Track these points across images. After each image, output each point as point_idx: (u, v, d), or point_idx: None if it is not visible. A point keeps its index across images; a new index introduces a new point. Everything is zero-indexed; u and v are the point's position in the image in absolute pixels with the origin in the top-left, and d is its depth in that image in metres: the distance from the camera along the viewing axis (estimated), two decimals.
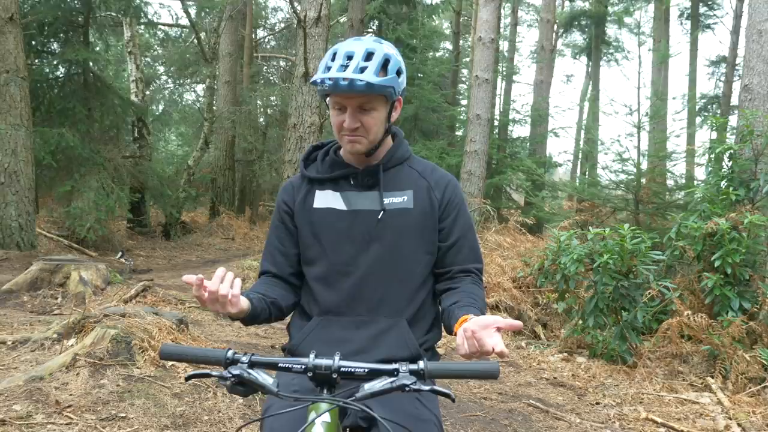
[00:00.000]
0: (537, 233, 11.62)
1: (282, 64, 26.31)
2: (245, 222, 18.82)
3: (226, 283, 1.80)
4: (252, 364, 1.66)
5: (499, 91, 21.51)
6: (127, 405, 4.31)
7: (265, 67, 26.95)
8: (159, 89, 27.99)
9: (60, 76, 14.16)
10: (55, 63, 13.96)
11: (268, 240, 2.23)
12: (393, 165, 2.11)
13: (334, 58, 1.91)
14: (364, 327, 2.03)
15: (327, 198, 2.09)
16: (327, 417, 1.61)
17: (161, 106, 27.04)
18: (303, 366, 1.63)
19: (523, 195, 17.71)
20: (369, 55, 1.90)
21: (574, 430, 4.69)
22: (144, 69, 18.95)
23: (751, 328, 5.79)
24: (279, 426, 1.84)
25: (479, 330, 1.66)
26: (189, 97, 29.55)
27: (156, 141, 24.64)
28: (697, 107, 22.09)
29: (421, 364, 1.60)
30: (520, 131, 21.53)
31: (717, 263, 6.11)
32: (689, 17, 24.11)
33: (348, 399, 1.60)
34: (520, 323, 1.73)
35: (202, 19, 19.95)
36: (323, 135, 11.57)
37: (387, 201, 2.05)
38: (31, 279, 8.07)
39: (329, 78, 1.86)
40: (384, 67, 1.92)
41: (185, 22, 19.34)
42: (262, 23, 27.61)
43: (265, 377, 1.65)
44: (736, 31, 20.19)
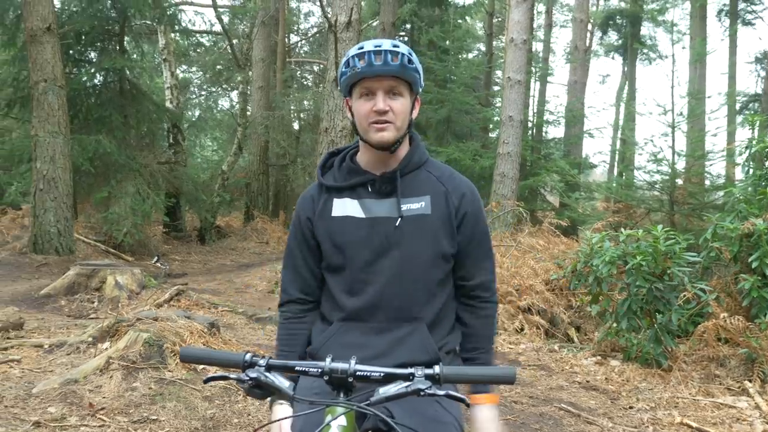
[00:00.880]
0: (571, 235, 11.47)
1: (315, 68, 26.46)
2: (279, 226, 18.94)
3: None
4: (269, 367, 1.67)
5: (534, 93, 21.33)
6: (159, 407, 4.36)
7: (299, 72, 27.14)
8: (194, 95, 28.36)
9: (97, 84, 14.43)
10: (92, 71, 14.22)
11: (290, 258, 2.21)
12: (410, 170, 2.10)
13: (361, 48, 1.94)
14: (384, 333, 2.03)
15: (345, 206, 2.09)
16: (343, 420, 1.61)
17: (197, 112, 27.39)
18: (319, 369, 1.64)
19: (558, 197, 17.54)
20: (395, 46, 1.94)
21: None
22: (179, 76, 19.22)
23: None
24: (298, 428, 1.87)
25: None
26: (224, 103, 29.90)
27: (192, 146, 24.97)
28: (738, 105, 21.65)
29: (437, 368, 1.60)
30: (554, 132, 21.37)
31: (754, 265, 5.96)
32: (728, 14, 23.66)
33: (363, 403, 1.60)
34: None
35: (235, 26, 20.17)
36: (355, 139, 11.57)
37: (405, 207, 2.04)
38: (69, 283, 8.24)
39: (363, 53, 1.91)
40: (411, 58, 1.96)
41: (219, 28, 19.56)
42: (294, 28, 27.82)
43: (282, 380, 1.66)
44: None
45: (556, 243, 10.19)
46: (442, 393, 1.56)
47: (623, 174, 16.66)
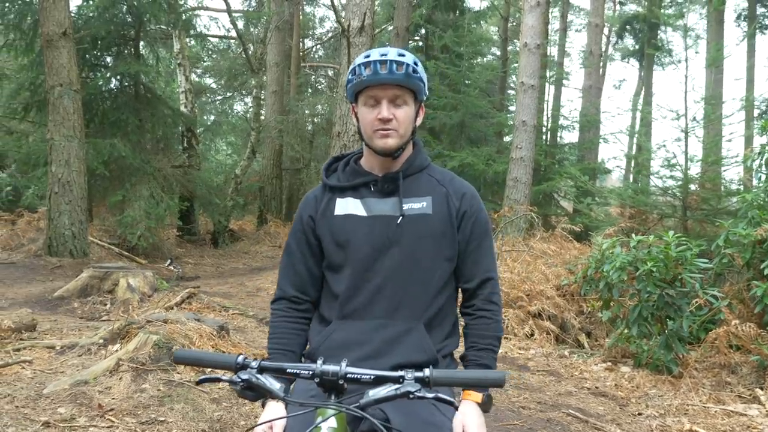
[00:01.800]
0: (584, 240, 11.42)
1: (329, 73, 26.55)
2: None
3: None
4: (261, 369, 1.71)
5: (548, 97, 21.23)
6: (167, 409, 4.39)
7: (313, 77, 27.23)
8: (209, 100, 28.53)
9: (113, 88, 14.55)
10: (108, 76, 14.34)
11: (288, 256, 2.23)
12: (412, 172, 2.13)
13: (367, 57, 1.99)
14: (381, 330, 2.04)
15: (347, 205, 2.12)
16: (333, 422, 1.63)
17: (212, 116, 27.55)
18: (310, 372, 1.66)
19: (572, 202, 17.45)
20: (401, 55, 1.98)
21: None
22: (193, 80, 19.34)
23: None
24: (291, 430, 1.90)
25: None
26: (238, 108, 30.06)
27: (206, 150, 25.12)
28: (757, 111, 21.44)
29: (427, 371, 1.62)
30: (569, 137, 21.28)
31: (767, 271, 5.91)
32: (746, 18, 23.49)
33: (353, 405, 1.62)
34: None
35: (250, 31, 20.27)
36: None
37: (406, 207, 2.07)
38: (82, 286, 8.30)
39: (368, 62, 1.95)
40: (416, 66, 1.99)
41: (234, 33, 19.67)
42: (309, 33, 27.92)
43: (273, 382, 1.70)
44: None
45: (568, 248, 10.16)
46: (431, 396, 1.58)
47: (636, 179, 16.54)
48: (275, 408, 2.02)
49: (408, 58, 1.97)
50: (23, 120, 14.19)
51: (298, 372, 1.69)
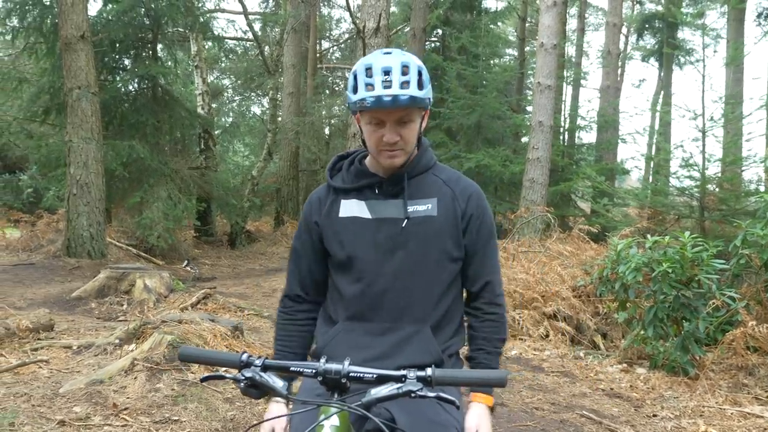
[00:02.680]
0: (601, 241, 11.34)
1: (347, 74, 26.58)
2: None
3: None
4: (265, 367, 1.72)
5: (566, 97, 21.11)
6: (181, 408, 4.42)
7: (330, 78, 27.29)
8: (227, 102, 28.69)
9: (132, 90, 14.69)
10: (127, 78, 14.47)
11: (294, 255, 2.25)
12: (418, 173, 2.11)
13: (369, 74, 1.90)
14: (388, 333, 2.04)
15: (352, 207, 2.11)
16: (336, 420, 1.64)
17: (230, 118, 27.70)
18: (314, 370, 1.68)
19: (590, 203, 17.35)
20: (405, 69, 1.90)
21: None
22: (210, 82, 19.45)
23: None
24: (294, 427, 1.93)
25: None
26: (256, 109, 30.20)
27: (224, 152, 25.25)
28: None
29: (429, 371, 1.63)
30: (588, 137, 21.15)
31: None
32: (767, 17, 23.22)
33: (354, 404, 1.63)
34: None
35: (266, 33, 20.35)
36: None
37: (411, 209, 2.05)
38: (99, 286, 8.38)
39: (372, 96, 1.87)
40: (420, 80, 1.93)
41: (250, 35, 19.76)
42: (326, 35, 27.99)
43: (276, 380, 1.70)
44: None
45: (585, 249, 10.08)
46: (432, 395, 1.58)
47: (654, 180, 16.40)
48: (278, 407, 2.04)
49: (412, 74, 1.90)
50: (43, 123, 14.36)
51: (301, 370, 1.70)
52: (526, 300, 7.85)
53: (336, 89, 27.32)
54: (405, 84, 1.87)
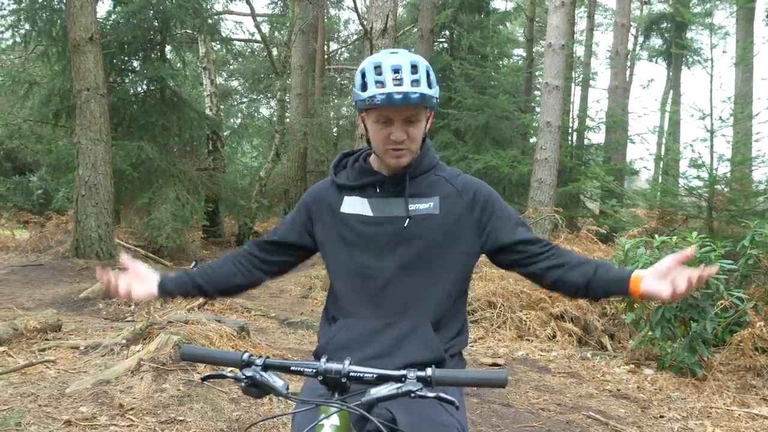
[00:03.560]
0: (610, 242, 11.29)
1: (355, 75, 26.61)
2: None
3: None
4: (266, 367, 1.73)
5: (575, 98, 21.04)
6: (186, 409, 4.42)
7: (338, 79, 27.33)
8: (235, 103, 28.76)
9: (140, 92, 14.76)
10: (136, 80, 14.53)
11: (278, 225, 2.32)
12: (420, 173, 2.12)
13: (379, 72, 1.91)
14: (388, 329, 2.04)
15: (354, 204, 2.13)
16: (336, 420, 1.64)
17: (238, 119, 27.78)
18: (314, 370, 1.68)
19: (598, 203, 17.29)
20: (414, 67, 1.91)
21: None
22: (218, 84, 19.51)
23: None
24: (296, 427, 1.93)
25: (672, 273, 1.87)
26: (264, 111, 30.28)
27: (233, 153, 25.32)
28: None
29: (429, 371, 1.63)
30: (596, 138, 21.06)
31: None
32: None
33: (354, 404, 1.63)
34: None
35: (274, 34, 20.39)
36: None
37: (413, 207, 2.06)
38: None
39: (382, 93, 1.88)
40: (429, 79, 1.94)
41: (258, 37, 19.81)
42: (334, 36, 28.03)
43: (277, 380, 1.71)
44: None
45: (593, 250, 10.05)
46: (432, 395, 1.58)
47: (663, 180, 16.32)
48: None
49: (421, 72, 1.91)
50: (55, 127, 14.41)
51: (301, 370, 1.71)
52: (533, 300, 7.83)
53: (344, 90, 27.36)
54: (415, 82, 1.89)
